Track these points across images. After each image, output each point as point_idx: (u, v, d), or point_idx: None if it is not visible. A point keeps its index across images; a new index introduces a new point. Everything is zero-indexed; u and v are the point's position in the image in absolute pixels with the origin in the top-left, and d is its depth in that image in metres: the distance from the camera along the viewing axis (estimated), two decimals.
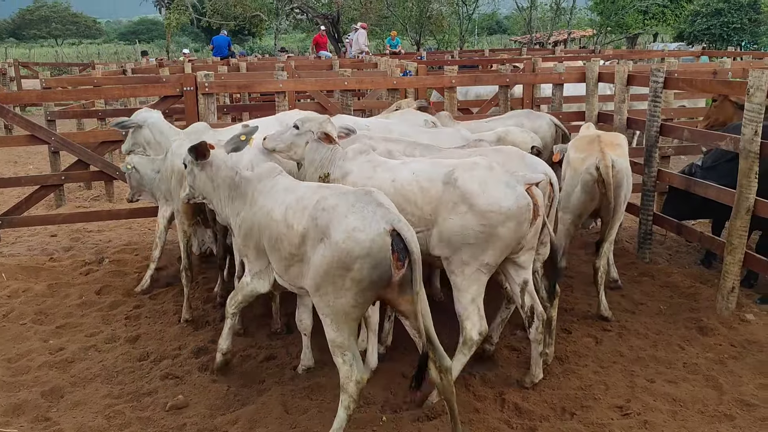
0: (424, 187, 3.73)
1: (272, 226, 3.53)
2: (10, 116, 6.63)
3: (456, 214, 3.62)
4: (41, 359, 4.49)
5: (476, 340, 3.70)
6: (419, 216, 3.73)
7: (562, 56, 17.29)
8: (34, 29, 57.94)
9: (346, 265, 3.13)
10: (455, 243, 3.64)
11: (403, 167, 3.91)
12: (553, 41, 32.53)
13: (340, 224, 3.17)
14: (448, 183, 3.68)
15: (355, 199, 3.25)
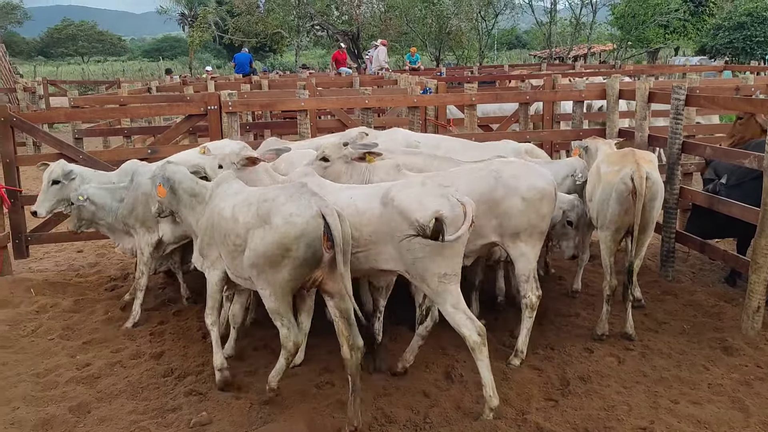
0: (361, 209, 3.93)
1: (222, 223, 4.04)
2: (40, 135, 6.81)
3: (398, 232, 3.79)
4: (69, 374, 4.57)
5: (480, 341, 3.82)
6: (357, 238, 3.87)
7: (582, 71, 17.28)
8: (62, 47, 59.31)
9: (286, 245, 3.64)
10: (407, 259, 3.81)
11: (340, 192, 4.10)
12: (573, 56, 32.48)
13: (279, 211, 3.69)
14: (385, 203, 3.87)
15: (293, 190, 3.80)
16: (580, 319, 5.32)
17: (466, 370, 4.47)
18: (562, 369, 4.49)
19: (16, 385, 4.40)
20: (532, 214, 4.37)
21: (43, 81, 20.40)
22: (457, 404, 4.06)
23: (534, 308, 4.53)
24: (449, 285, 3.80)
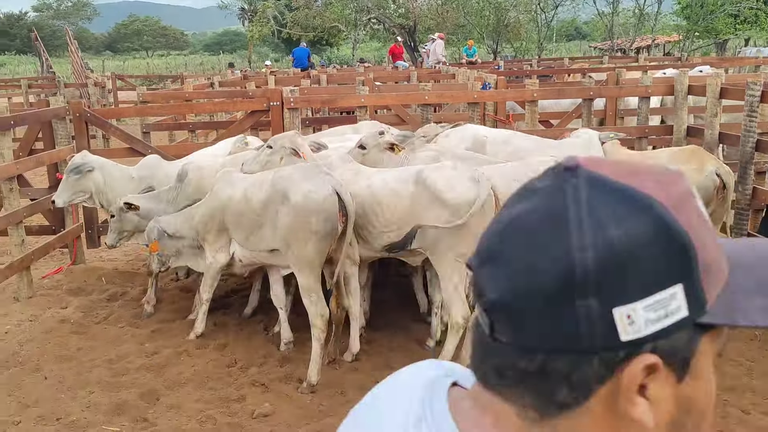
0: (395, 189, 4.23)
1: (233, 207, 4.49)
2: (111, 130, 7.09)
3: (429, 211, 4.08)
4: (138, 362, 4.76)
5: (461, 324, 4.12)
6: (389, 218, 4.21)
7: (647, 65, 16.73)
8: (128, 42, 61.49)
9: (307, 220, 4.07)
10: (431, 237, 4.08)
11: (375, 175, 4.40)
12: (636, 47, 31.47)
13: (298, 189, 4.12)
14: (417, 183, 4.14)
15: (308, 169, 4.27)
16: None
17: None
18: None
19: (90, 371, 4.62)
20: None
21: (112, 76, 21.20)
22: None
23: None
24: (461, 265, 4.03)
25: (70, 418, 4.02)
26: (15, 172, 5.98)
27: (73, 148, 6.80)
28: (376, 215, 4.27)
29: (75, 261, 6.94)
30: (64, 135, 6.84)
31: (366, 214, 4.29)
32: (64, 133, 6.83)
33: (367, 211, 4.29)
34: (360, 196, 4.29)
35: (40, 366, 4.72)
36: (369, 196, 4.29)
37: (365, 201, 4.28)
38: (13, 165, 5.93)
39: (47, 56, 26.46)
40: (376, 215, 4.27)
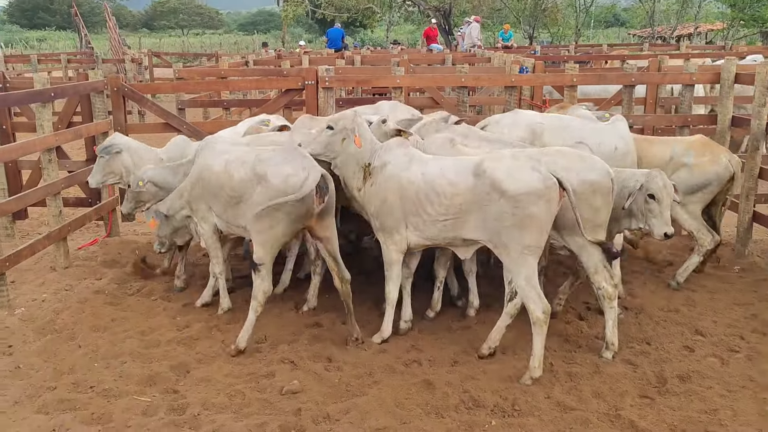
0: (453, 180, 4.14)
1: (212, 178, 4.65)
2: (148, 104, 7.14)
3: (489, 202, 4.02)
4: (170, 335, 4.82)
5: (543, 319, 4.03)
6: (447, 206, 4.15)
7: (689, 53, 16.28)
8: (164, 20, 61.98)
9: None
10: (494, 229, 4.03)
11: (430, 163, 4.30)
12: (677, 35, 30.60)
13: (278, 172, 4.27)
14: (478, 175, 4.06)
15: (287, 152, 4.37)
16: (680, 315, 5.06)
17: (557, 359, 4.38)
18: (659, 366, 4.30)
19: (123, 341, 4.69)
20: (583, 207, 4.13)
21: (148, 53, 21.39)
22: (547, 393, 3.98)
23: (612, 298, 4.36)
24: (529, 257, 4.00)
25: (102, 386, 4.08)
26: (54, 143, 6.07)
27: (110, 122, 6.88)
28: (431, 203, 4.19)
29: (110, 233, 7.05)
30: (102, 109, 6.92)
31: (420, 201, 4.23)
32: (101, 106, 6.91)
33: (421, 199, 4.22)
34: (414, 182, 4.24)
35: (75, 334, 4.81)
36: (423, 183, 4.21)
37: (419, 188, 4.22)
38: (52, 136, 6.02)
39: (86, 32, 26.85)
40: (432, 203, 4.19)
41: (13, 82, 8.30)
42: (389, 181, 4.34)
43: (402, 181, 4.29)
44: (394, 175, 4.34)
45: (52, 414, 3.78)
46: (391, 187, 4.33)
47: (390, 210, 4.35)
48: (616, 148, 5.31)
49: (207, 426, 3.66)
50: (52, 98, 6.12)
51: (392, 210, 4.34)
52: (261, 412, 3.81)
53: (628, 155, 5.36)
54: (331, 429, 3.64)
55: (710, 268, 6.05)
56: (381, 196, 4.38)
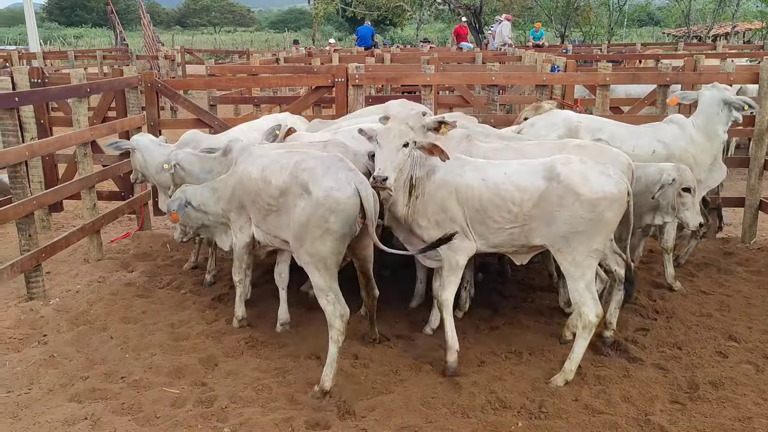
0: (522, 185, 3.96)
1: (250, 183, 4.28)
2: (180, 100, 7.24)
3: (561, 207, 3.88)
4: (199, 328, 4.88)
5: (593, 324, 3.98)
6: (516, 213, 3.97)
7: (726, 52, 15.92)
8: (197, 18, 62.85)
9: (325, 218, 3.82)
10: (562, 233, 3.91)
11: (492, 169, 4.08)
12: (713, 35, 29.96)
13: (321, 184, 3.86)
14: (550, 179, 3.91)
15: (331, 162, 3.97)
16: (713, 321, 4.96)
17: (586, 362, 4.31)
18: (690, 371, 4.21)
19: (153, 333, 4.77)
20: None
21: (181, 50, 21.69)
22: (575, 396, 3.93)
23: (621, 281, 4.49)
24: (594, 260, 3.99)
25: (132, 377, 4.16)
26: (89, 137, 6.19)
27: (143, 117, 6.99)
28: (498, 209, 3.99)
29: (142, 227, 7.17)
30: (136, 104, 7.03)
31: (484, 208, 4.01)
32: (135, 102, 7.03)
33: (485, 206, 4.00)
34: (474, 188, 4.01)
35: (107, 326, 4.90)
36: (487, 189, 4.00)
37: (482, 195, 4.00)
38: (88, 131, 6.14)
39: (121, 29, 27.33)
40: (498, 210, 3.99)
41: (52, 77, 8.49)
42: (443, 189, 4.06)
43: (459, 186, 4.03)
44: (447, 181, 4.06)
45: (84, 403, 3.86)
46: (446, 195, 4.05)
47: (452, 217, 4.06)
48: (654, 152, 5.21)
49: (234, 419, 3.70)
50: (88, 93, 6.24)
51: (454, 217, 4.06)
52: (287, 407, 3.84)
53: (670, 160, 5.16)
54: (356, 426, 3.64)
55: (746, 272, 5.92)
56: (437, 205, 4.08)
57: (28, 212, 5.24)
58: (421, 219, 4.14)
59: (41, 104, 7.36)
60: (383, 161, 3.94)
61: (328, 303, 3.93)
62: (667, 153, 5.22)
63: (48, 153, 6.93)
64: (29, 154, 5.31)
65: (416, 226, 4.19)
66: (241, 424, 3.65)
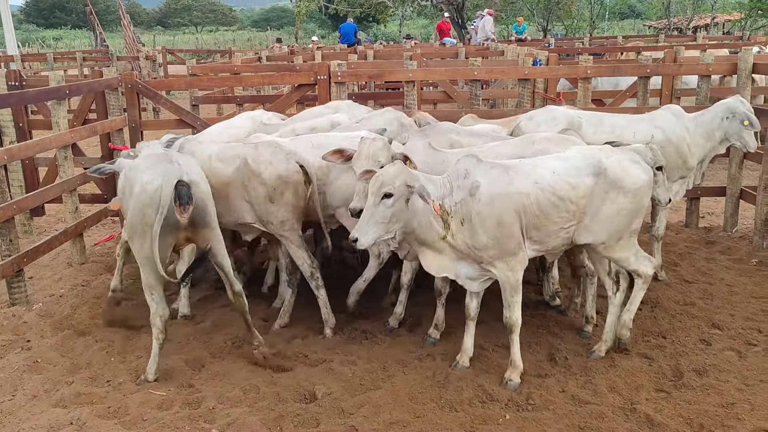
0: (574, 183, 3.93)
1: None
2: (162, 101, 7.17)
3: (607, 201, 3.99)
4: (185, 330, 4.86)
5: (650, 276, 4.28)
6: (573, 212, 3.95)
7: (705, 44, 16.06)
8: (178, 17, 62.31)
9: (143, 213, 3.85)
10: (611, 224, 4.04)
11: (540, 168, 3.94)
12: (693, 26, 30.22)
13: (138, 179, 3.92)
14: (598, 174, 3.95)
15: (154, 159, 4.03)
16: (697, 309, 5.01)
17: (571, 354, 4.36)
18: (675, 360, 4.26)
19: (138, 336, 4.74)
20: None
21: (162, 50, 21.51)
22: (561, 387, 3.96)
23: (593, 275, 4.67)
24: (635, 237, 4.20)
25: (118, 380, 4.13)
26: (70, 140, 6.13)
27: (124, 119, 6.93)
28: (557, 210, 3.88)
29: None
30: (117, 106, 6.96)
31: (543, 212, 3.86)
32: (116, 103, 6.95)
33: (545, 209, 3.86)
34: (529, 194, 3.82)
35: (91, 330, 4.86)
36: (543, 192, 3.85)
37: (538, 198, 3.83)
38: (68, 133, 6.08)
39: (101, 30, 27.06)
40: (558, 210, 3.88)
41: (30, 80, 8.38)
42: (495, 203, 3.77)
43: (512, 195, 3.81)
44: (497, 194, 3.78)
45: (69, 408, 3.83)
46: (501, 208, 3.78)
47: (510, 231, 3.83)
48: (652, 137, 5.23)
49: (222, 420, 3.69)
50: (67, 95, 6.17)
51: (512, 230, 3.84)
52: (275, 407, 3.83)
53: (668, 146, 5.20)
54: (345, 423, 3.64)
55: (728, 260, 5.99)
56: (492, 222, 3.79)
57: (8, 217, 5.18)
58: (477, 242, 3.83)
59: (20, 107, 7.26)
60: (360, 221, 3.68)
61: (152, 301, 4.09)
62: (665, 138, 5.25)
63: (28, 156, 6.84)
64: (8, 158, 5.25)
65: (474, 251, 3.87)
66: (229, 424, 3.64)
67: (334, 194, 4.66)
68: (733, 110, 5.27)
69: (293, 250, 4.63)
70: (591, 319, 4.67)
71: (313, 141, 4.75)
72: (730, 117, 5.27)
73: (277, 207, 4.47)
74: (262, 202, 4.48)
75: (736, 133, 5.28)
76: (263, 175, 4.43)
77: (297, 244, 4.61)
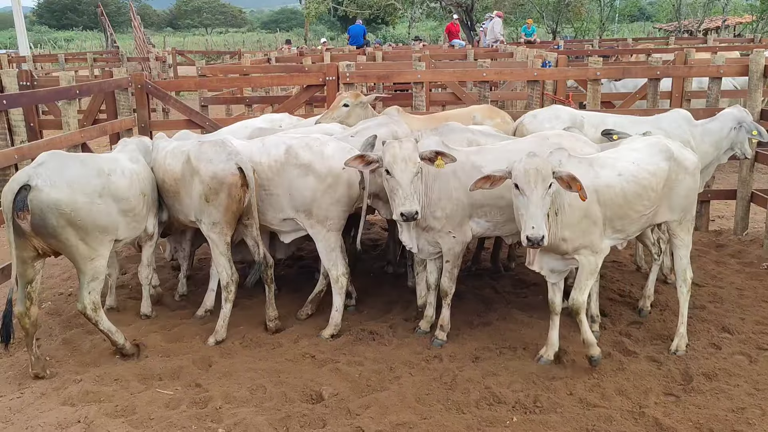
0: (651, 170, 4.15)
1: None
2: (171, 101, 7.21)
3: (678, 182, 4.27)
4: (192, 329, 4.86)
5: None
6: (653, 198, 4.17)
7: (717, 46, 15.97)
8: (188, 19, 62.68)
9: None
10: (680, 206, 4.34)
11: (620, 160, 4.16)
12: (704, 29, 30.08)
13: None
14: (669, 159, 4.21)
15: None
16: (706, 312, 4.97)
17: (579, 357, 4.33)
18: (684, 363, 4.22)
19: (146, 335, 4.74)
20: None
21: (173, 51, 21.63)
22: (569, 390, 3.94)
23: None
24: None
25: (126, 379, 4.13)
26: (80, 140, 6.15)
27: (134, 119, 6.96)
28: (641, 198, 4.10)
29: None
30: (126, 106, 7.00)
31: (629, 202, 4.07)
32: (126, 104, 6.99)
33: (630, 199, 4.07)
34: (613, 186, 4.02)
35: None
36: (627, 183, 4.05)
37: (624, 189, 4.04)
38: (78, 133, 6.10)
39: (112, 31, 27.24)
40: (641, 198, 4.10)
41: (41, 80, 8.44)
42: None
43: (599, 188, 3.98)
44: (586, 187, 3.81)
45: (77, 406, 3.83)
46: (589, 201, 3.89)
47: (595, 221, 4.01)
48: (646, 133, 5.25)
49: (229, 419, 3.69)
50: (77, 95, 6.21)
51: (596, 221, 4.02)
52: (282, 407, 3.82)
53: None
54: (351, 423, 3.63)
55: (738, 264, 5.94)
56: (581, 213, 3.96)
57: None
58: (567, 232, 3.97)
59: (31, 107, 7.31)
60: (536, 217, 3.68)
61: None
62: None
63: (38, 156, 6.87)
64: (19, 157, 5.27)
65: (561, 242, 3.98)
66: (236, 424, 3.64)
67: (294, 196, 4.62)
68: (741, 120, 5.32)
69: (216, 255, 4.63)
70: (597, 318, 4.69)
71: (265, 141, 4.77)
72: (737, 127, 5.31)
73: (210, 207, 4.48)
74: (198, 199, 4.51)
75: (741, 142, 5.33)
76: (201, 172, 4.46)
77: (221, 251, 4.59)
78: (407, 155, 4.11)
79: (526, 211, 3.69)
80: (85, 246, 4.09)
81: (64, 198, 3.94)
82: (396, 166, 4.09)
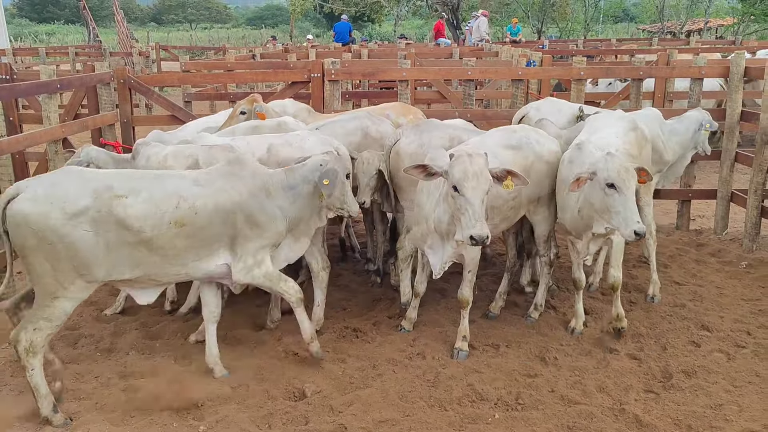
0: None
1: None
2: (154, 97, 7.14)
3: None
4: (173, 326, 4.82)
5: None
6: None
7: (699, 48, 16.13)
8: (172, 14, 62.11)
9: None
10: None
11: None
12: (687, 30, 30.39)
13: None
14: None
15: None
16: (686, 311, 5.02)
17: (561, 354, 4.36)
18: (664, 361, 4.27)
19: (127, 332, 4.71)
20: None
21: (156, 46, 21.38)
22: (551, 387, 3.96)
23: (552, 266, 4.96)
24: None
25: (106, 376, 4.10)
26: (61, 135, 6.08)
27: (116, 114, 6.89)
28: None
29: None
30: (109, 101, 6.92)
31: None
32: (108, 98, 6.91)
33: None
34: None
35: (79, 325, 4.82)
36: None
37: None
38: (59, 128, 6.03)
39: (94, 26, 26.92)
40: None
41: (21, 74, 8.31)
42: None
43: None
44: None
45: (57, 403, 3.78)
46: None
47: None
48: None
49: (211, 417, 3.66)
50: (58, 89, 6.13)
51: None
52: (264, 404, 3.81)
53: (645, 142, 5.37)
54: (334, 421, 3.63)
55: (718, 263, 6.01)
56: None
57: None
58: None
59: (10, 101, 7.19)
60: (633, 213, 3.96)
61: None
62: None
63: (18, 150, 6.76)
64: None
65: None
66: (218, 421, 3.62)
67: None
68: (701, 122, 5.69)
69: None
70: (539, 307, 4.92)
71: (250, 140, 4.75)
72: (698, 129, 5.69)
73: None
74: None
75: (703, 141, 5.71)
76: None
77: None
78: (479, 170, 3.71)
79: (624, 207, 3.91)
80: (52, 279, 3.46)
81: (35, 213, 3.38)
82: (467, 183, 3.68)
